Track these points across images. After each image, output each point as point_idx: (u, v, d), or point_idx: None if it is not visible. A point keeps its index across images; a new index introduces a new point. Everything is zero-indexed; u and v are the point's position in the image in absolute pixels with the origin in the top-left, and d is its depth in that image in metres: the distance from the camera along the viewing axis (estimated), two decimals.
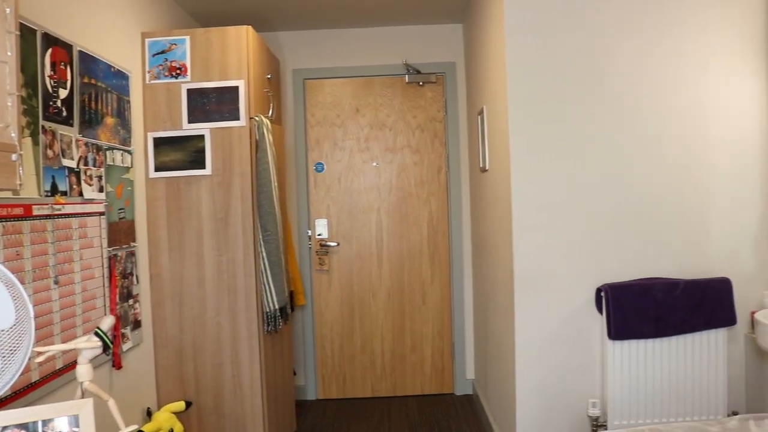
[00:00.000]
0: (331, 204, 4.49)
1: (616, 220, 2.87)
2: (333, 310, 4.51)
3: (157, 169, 3.07)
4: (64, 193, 2.29)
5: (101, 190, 2.59)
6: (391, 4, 3.94)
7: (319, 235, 4.48)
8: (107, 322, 1.91)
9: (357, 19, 4.21)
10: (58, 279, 2.22)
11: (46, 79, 2.19)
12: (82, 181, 2.43)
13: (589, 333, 2.87)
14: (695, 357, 2.76)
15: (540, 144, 2.85)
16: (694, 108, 2.86)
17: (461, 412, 4.16)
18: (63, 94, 2.30)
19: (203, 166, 3.07)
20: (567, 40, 2.84)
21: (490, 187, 3.43)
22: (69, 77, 2.35)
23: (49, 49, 2.21)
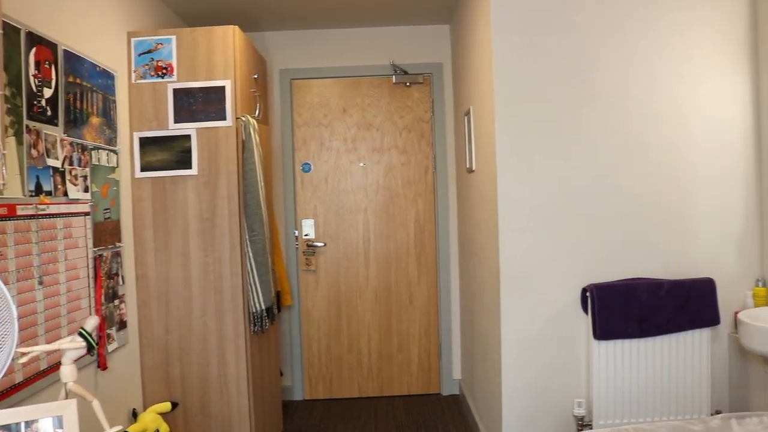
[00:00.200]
0: (318, 204, 4.49)
1: (602, 220, 2.88)
2: (320, 311, 4.51)
3: (143, 169, 3.06)
4: (49, 193, 2.27)
5: (86, 190, 2.58)
6: (378, 5, 3.94)
7: (306, 235, 4.48)
8: (92, 323, 1.90)
9: (344, 19, 4.21)
10: (42, 279, 2.20)
11: (31, 78, 2.17)
12: (67, 181, 2.41)
13: (574, 333, 2.89)
14: (679, 357, 2.79)
15: (526, 145, 2.86)
16: (678, 109, 2.89)
17: (448, 412, 4.17)
18: (48, 93, 2.28)
19: (189, 166, 3.06)
20: (553, 41, 2.85)
21: (477, 187, 3.44)
22: (54, 76, 2.34)
23: (34, 48, 2.20)
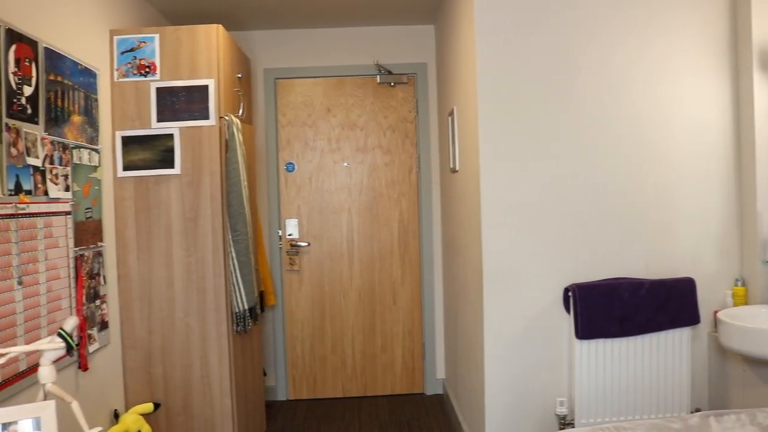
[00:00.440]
0: (302, 204, 4.48)
1: (584, 220, 2.91)
2: (303, 311, 4.50)
3: (125, 168, 3.03)
4: (29, 192, 2.25)
5: (67, 189, 2.55)
6: (362, 5, 3.94)
7: (289, 235, 4.47)
8: (71, 323, 1.88)
9: (329, 19, 4.21)
10: (21, 279, 2.18)
11: (10, 75, 2.15)
12: (48, 180, 2.39)
13: (557, 332, 2.91)
14: (660, 356, 2.82)
15: (509, 145, 2.88)
16: (659, 110, 2.92)
17: (431, 412, 4.18)
18: (28, 91, 2.26)
19: (172, 166, 3.04)
20: (536, 41, 2.87)
21: (460, 187, 3.45)
22: (34, 74, 2.31)
23: (13, 45, 2.17)
